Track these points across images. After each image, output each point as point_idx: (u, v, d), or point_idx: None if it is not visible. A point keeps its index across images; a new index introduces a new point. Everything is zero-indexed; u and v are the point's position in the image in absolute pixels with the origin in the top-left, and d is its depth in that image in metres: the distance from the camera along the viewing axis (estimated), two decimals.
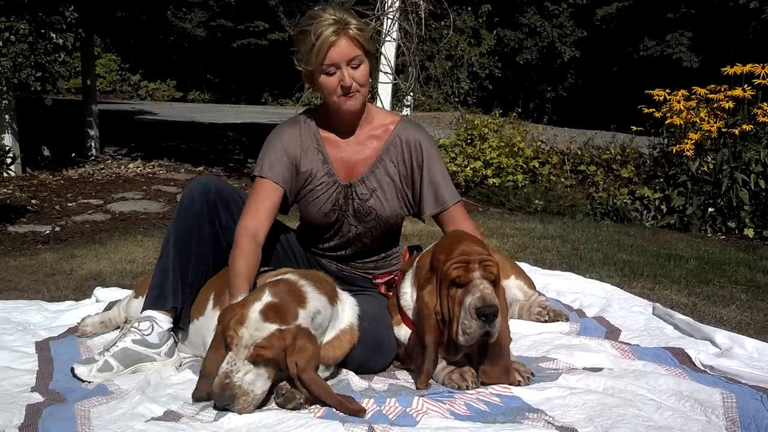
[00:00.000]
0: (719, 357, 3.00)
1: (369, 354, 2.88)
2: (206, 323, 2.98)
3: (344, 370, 2.87)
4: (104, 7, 12.08)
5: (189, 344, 3.16)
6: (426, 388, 2.70)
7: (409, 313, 2.93)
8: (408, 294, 2.94)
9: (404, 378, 2.88)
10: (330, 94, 3.00)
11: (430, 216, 3.20)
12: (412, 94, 9.12)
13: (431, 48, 9.86)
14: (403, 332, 2.94)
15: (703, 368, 2.92)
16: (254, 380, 2.47)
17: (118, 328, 3.50)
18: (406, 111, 9.12)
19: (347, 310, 2.85)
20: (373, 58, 3.10)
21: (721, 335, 3.26)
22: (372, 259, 3.34)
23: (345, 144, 3.18)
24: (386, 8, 8.10)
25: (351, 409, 2.45)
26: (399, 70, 8.90)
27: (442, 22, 9.55)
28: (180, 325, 3.06)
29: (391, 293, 3.15)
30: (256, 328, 2.48)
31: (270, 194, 3.06)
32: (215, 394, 2.44)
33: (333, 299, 2.77)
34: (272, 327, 2.49)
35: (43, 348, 3.21)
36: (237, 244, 2.93)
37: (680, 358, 3.00)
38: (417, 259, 2.98)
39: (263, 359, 2.48)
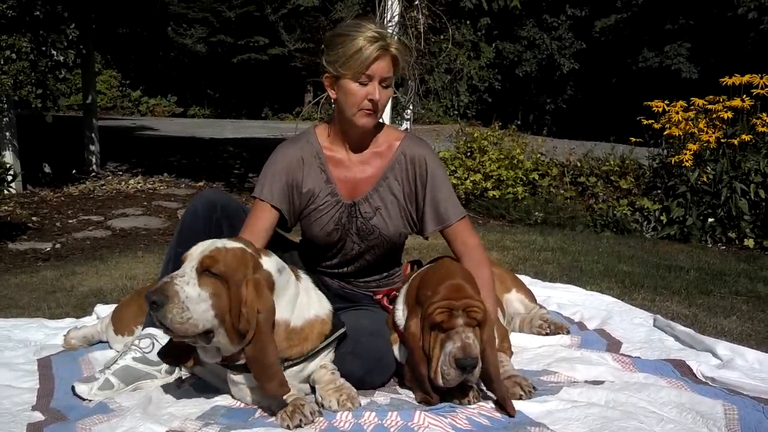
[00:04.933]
0: (720, 368, 3.00)
1: (368, 368, 2.86)
2: None
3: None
4: (105, 24, 12.15)
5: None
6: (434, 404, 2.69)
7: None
8: (400, 312, 2.92)
9: (406, 392, 2.86)
10: (352, 105, 2.97)
11: (432, 233, 3.20)
12: (411, 107, 9.15)
13: (430, 62, 9.89)
14: (399, 352, 2.93)
15: (704, 380, 2.91)
16: (195, 298, 2.39)
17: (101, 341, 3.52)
18: (405, 124, 9.15)
19: (314, 298, 2.83)
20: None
21: (723, 346, 3.26)
22: (374, 278, 3.33)
23: (348, 162, 3.15)
24: (385, 22, 8.14)
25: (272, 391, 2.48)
26: (398, 83, 8.93)
27: (441, 36, 9.59)
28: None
29: (391, 307, 3.13)
30: (213, 243, 2.51)
31: (264, 216, 3.05)
32: (149, 291, 2.35)
33: (296, 275, 2.78)
34: (237, 244, 2.53)
35: (44, 366, 3.20)
36: None
37: (681, 370, 3.00)
38: (410, 279, 2.97)
39: (210, 276, 2.42)
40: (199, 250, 2.49)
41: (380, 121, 3.20)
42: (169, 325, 2.36)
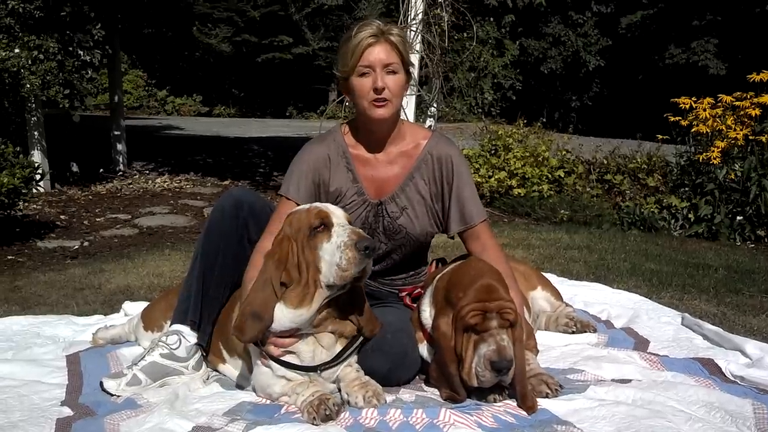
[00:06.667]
0: (750, 367, 2.96)
1: (393, 366, 2.86)
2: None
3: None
4: (131, 24, 12.25)
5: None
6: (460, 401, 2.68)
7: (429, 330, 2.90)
8: (427, 312, 2.91)
9: (431, 390, 2.86)
10: (361, 97, 2.98)
11: (455, 233, 3.18)
12: (435, 105, 9.13)
13: (454, 59, 9.87)
14: (425, 351, 2.93)
15: (733, 379, 2.88)
16: None
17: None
18: (429, 122, 9.13)
19: None
20: (409, 72, 3.08)
21: (752, 345, 3.22)
22: (400, 277, 3.32)
23: (375, 161, 3.15)
24: (409, 20, 8.13)
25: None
26: (422, 81, 8.92)
27: (465, 34, 9.57)
28: (199, 341, 3.05)
29: (415, 305, 3.13)
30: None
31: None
32: (368, 239, 2.59)
33: None
34: None
35: (72, 362, 3.24)
36: (251, 261, 2.89)
37: (710, 368, 2.97)
38: (437, 278, 2.95)
39: None
40: (339, 212, 2.74)
41: (404, 119, 3.19)
42: (367, 271, 2.63)
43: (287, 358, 2.70)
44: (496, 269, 2.83)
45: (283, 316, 2.63)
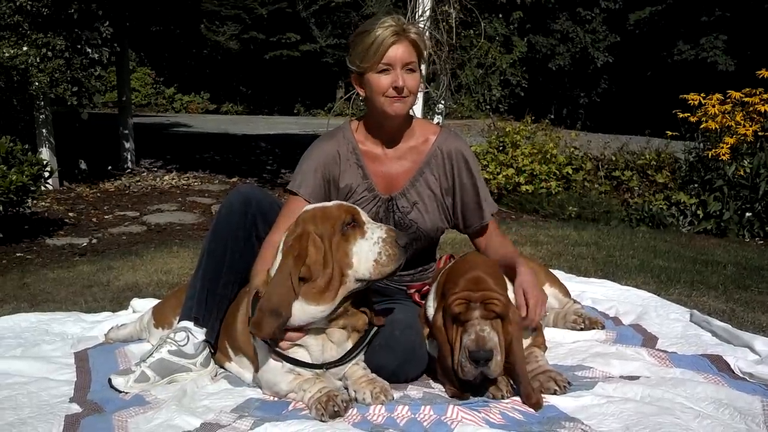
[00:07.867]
0: (759, 364, 2.94)
1: (402, 361, 2.86)
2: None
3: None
4: (139, 21, 12.26)
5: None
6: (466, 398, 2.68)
7: None
8: (431, 308, 2.91)
9: (439, 387, 2.86)
10: (379, 94, 2.96)
11: (474, 230, 3.19)
12: (443, 102, 9.11)
13: (462, 56, 9.85)
14: (432, 347, 2.92)
15: (742, 375, 2.87)
16: None
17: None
18: (437, 119, 9.12)
19: None
20: (422, 70, 3.08)
21: (761, 342, 3.20)
22: (408, 272, 3.31)
23: (385, 157, 3.15)
24: (417, 17, 8.12)
25: None
26: (430, 78, 8.90)
27: (473, 30, 9.55)
28: (207, 338, 3.05)
29: (423, 302, 3.13)
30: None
31: (299, 209, 2.99)
32: (402, 233, 2.70)
33: None
34: None
35: (81, 359, 3.25)
36: (260, 254, 2.89)
37: (719, 365, 2.95)
38: (440, 274, 2.96)
39: None
40: (362, 210, 2.78)
41: (413, 115, 3.19)
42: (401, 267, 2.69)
43: (296, 351, 2.70)
44: (494, 265, 2.83)
45: (303, 312, 2.60)
